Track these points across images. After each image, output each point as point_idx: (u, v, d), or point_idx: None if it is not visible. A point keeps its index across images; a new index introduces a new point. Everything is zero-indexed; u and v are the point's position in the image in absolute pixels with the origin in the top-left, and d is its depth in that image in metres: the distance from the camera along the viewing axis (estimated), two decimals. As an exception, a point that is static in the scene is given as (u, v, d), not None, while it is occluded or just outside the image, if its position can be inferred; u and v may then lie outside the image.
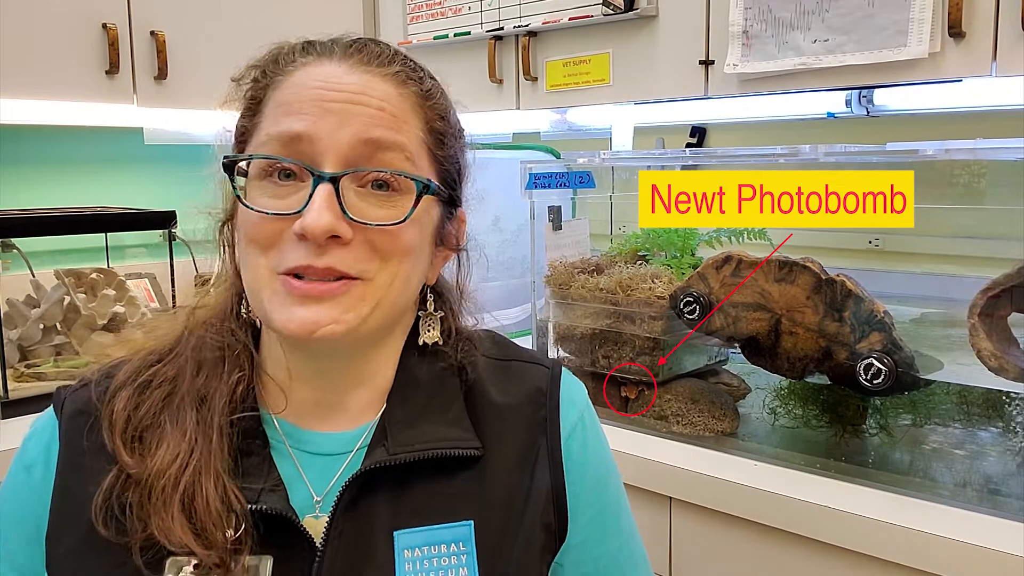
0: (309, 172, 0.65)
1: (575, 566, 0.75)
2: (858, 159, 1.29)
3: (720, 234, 1.48)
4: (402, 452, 0.69)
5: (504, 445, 0.74)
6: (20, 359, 1.56)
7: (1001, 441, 1.19)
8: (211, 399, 0.69)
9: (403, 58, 0.71)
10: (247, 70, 0.72)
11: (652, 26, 1.61)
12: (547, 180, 1.53)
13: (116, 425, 0.69)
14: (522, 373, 0.79)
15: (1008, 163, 1.14)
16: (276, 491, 0.68)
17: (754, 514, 1.14)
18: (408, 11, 2.01)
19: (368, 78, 0.68)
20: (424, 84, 0.72)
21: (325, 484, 0.71)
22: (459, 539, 0.69)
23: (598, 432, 0.80)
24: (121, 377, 0.72)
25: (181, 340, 0.74)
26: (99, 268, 1.71)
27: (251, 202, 0.66)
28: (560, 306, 1.52)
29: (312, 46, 0.71)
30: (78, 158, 2.02)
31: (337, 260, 0.65)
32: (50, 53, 1.61)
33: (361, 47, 0.70)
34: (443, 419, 0.73)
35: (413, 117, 0.70)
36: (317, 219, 0.63)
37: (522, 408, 0.76)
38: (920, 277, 1.55)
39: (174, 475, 0.65)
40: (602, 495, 0.78)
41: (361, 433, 0.73)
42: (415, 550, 0.68)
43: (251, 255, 0.67)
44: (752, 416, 1.39)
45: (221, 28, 1.81)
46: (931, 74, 1.29)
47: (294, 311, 0.65)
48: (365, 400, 0.74)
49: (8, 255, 1.69)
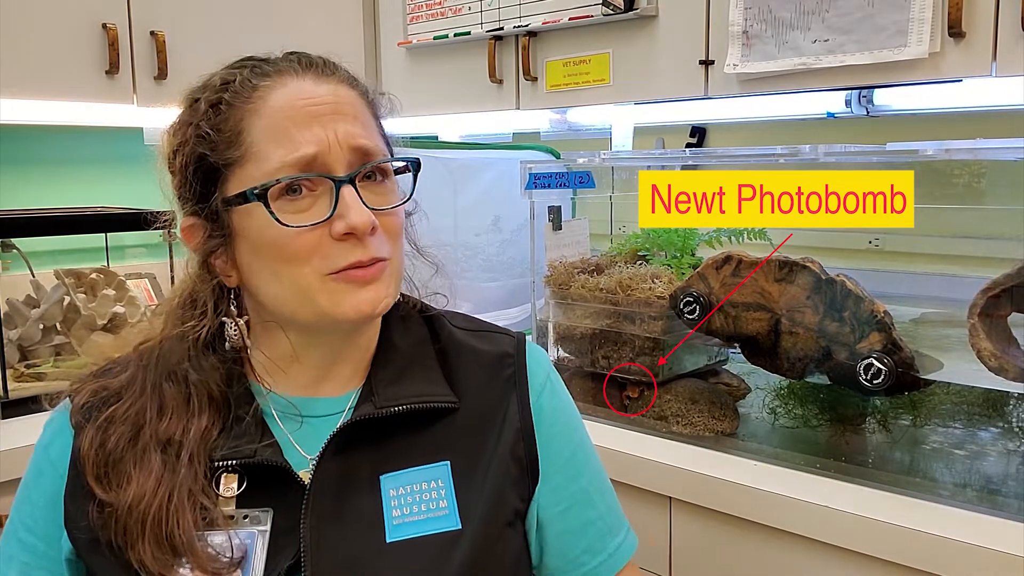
0: (329, 179, 0.73)
1: (552, 505, 0.83)
2: (858, 159, 1.29)
3: (720, 234, 1.47)
4: (388, 405, 0.78)
5: (477, 399, 0.83)
6: (20, 359, 1.56)
7: (1001, 441, 1.19)
8: (177, 440, 0.74)
9: (339, 64, 0.80)
10: (192, 102, 0.77)
11: (652, 26, 1.61)
12: (547, 180, 1.53)
13: (85, 464, 0.74)
14: (491, 340, 0.88)
15: (1008, 163, 1.14)
16: (271, 447, 0.76)
17: (754, 514, 1.14)
18: (408, 11, 2.01)
19: (332, 86, 0.76)
20: (360, 83, 0.81)
21: (318, 445, 0.77)
22: (437, 477, 0.78)
23: (563, 388, 0.90)
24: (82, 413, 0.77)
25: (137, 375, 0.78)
26: (99, 268, 1.71)
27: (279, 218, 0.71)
28: (560, 306, 1.52)
29: (263, 69, 0.76)
30: (78, 158, 2.02)
31: (377, 249, 0.74)
32: (50, 53, 1.61)
33: (308, 61, 0.78)
34: (423, 378, 0.82)
35: (368, 113, 0.79)
36: (361, 215, 0.72)
37: (491, 367, 0.85)
38: (920, 277, 1.55)
39: (143, 512, 0.71)
40: (571, 438, 0.87)
41: (349, 397, 0.81)
42: (400, 488, 0.77)
43: (289, 268, 0.73)
44: (752, 416, 1.39)
45: (221, 28, 1.81)
46: (931, 74, 1.29)
47: (359, 296, 0.73)
48: (352, 368, 0.82)
49: (8, 255, 1.69)
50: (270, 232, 0.72)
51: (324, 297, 0.73)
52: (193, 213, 0.77)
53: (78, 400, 0.79)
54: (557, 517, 0.84)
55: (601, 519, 0.87)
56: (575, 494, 0.85)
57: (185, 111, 0.78)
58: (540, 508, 0.83)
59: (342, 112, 0.75)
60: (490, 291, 1.90)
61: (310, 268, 0.73)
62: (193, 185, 0.76)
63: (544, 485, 0.83)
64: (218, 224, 0.75)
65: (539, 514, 0.83)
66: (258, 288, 0.76)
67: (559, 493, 0.84)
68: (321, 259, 0.73)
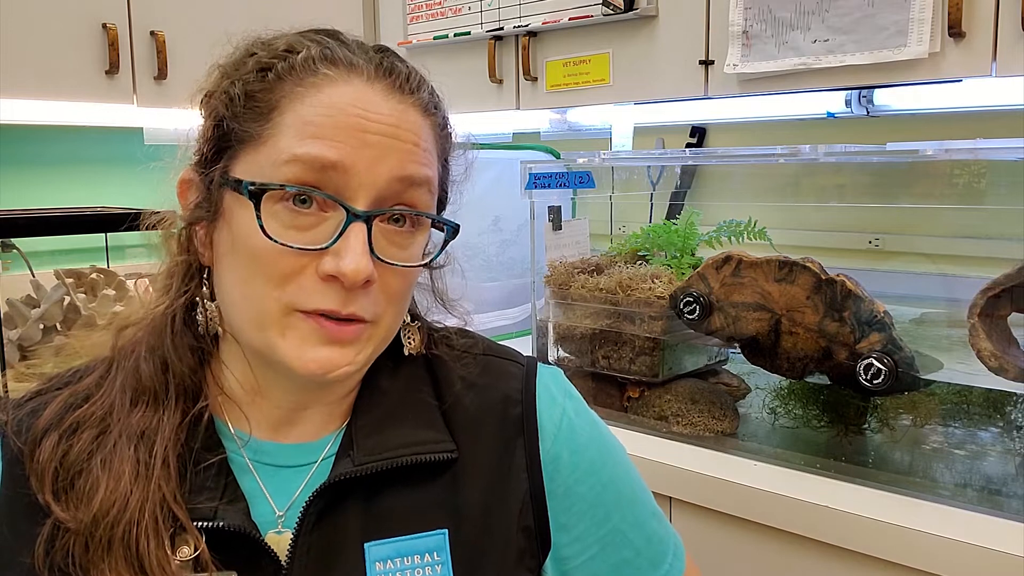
0: (342, 207, 0.61)
1: (577, 555, 0.73)
2: (858, 159, 1.29)
3: (720, 234, 1.48)
4: (369, 462, 0.66)
5: (479, 447, 0.71)
6: (20, 359, 1.56)
7: (1001, 441, 1.19)
8: (151, 434, 0.65)
9: (426, 82, 0.69)
10: (245, 58, 0.67)
11: (652, 26, 1.61)
12: (547, 180, 1.53)
13: (44, 478, 0.63)
14: (497, 370, 0.76)
15: (1008, 163, 1.15)
16: (235, 505, 0.64)
17: (754, 514, 1.14)
18: (408, 11, 2.01)
19: (403, 108, 0.64)
20: (440, 111, 0.70)
21: (287, 498, 0.67)
22: (433, 548, 0.66)
23: (584, 417, 0.77)
24: (43, 422, 0.66)
25: (109, 371, 0.69)
26: (99, 268, 1.71)
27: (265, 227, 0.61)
28: (560, 306, 1.52)
29: (335, 55, 0.65)
30: (78, 158, 2.02)
31: (360, 307, 0.63)
32: (50, 53, 1.61)
33: (390, 68, 0.66)
34: (413, 421, 0.70)
35: (435, 149, 0.68)
36: (357, 266, 0.60)
37: (496, 407, 0.73)
38: (920, 277, 1.55)
39: (111, 524, 0.61)
40: (599, 477, 0.74)
41: (325, 443, 0.70)
42: (387, 562, 0.65)
43: (256, 283, 0.62)
44: (752, 416, 1.39)
45: (221, 28, 1.80)
46: (931, 74, 1.29)
47: (317, 351, 0.62)
48: (329, 411, 0.71)
49: (8, 255, 1.69)
50: (254, 237, 0.61)
51: (276, 332, 0.62)
52: (196, 168, 0.67)
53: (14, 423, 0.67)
54: (584, 566, 0.73)
55: (639, 556, 0.75)
56: (604, 537, 0.74)
57: (237, 59, 0.68)
58: (562, 561, 0.73)
59: (398, 139, 0.63)
60: (490, 291, 1.90)
61: (279, 294, 0.62)
62: (209, 141, 0.66)
63: (565, 535, 0.72)
64: (210, 196, 0.65)
65: (561, 568, 0.73)
66: (222, 286, 0.66)
67: (585, 540, 0.73)
68: (295, 290, 0.62)
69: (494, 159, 1.92)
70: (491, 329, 1.84)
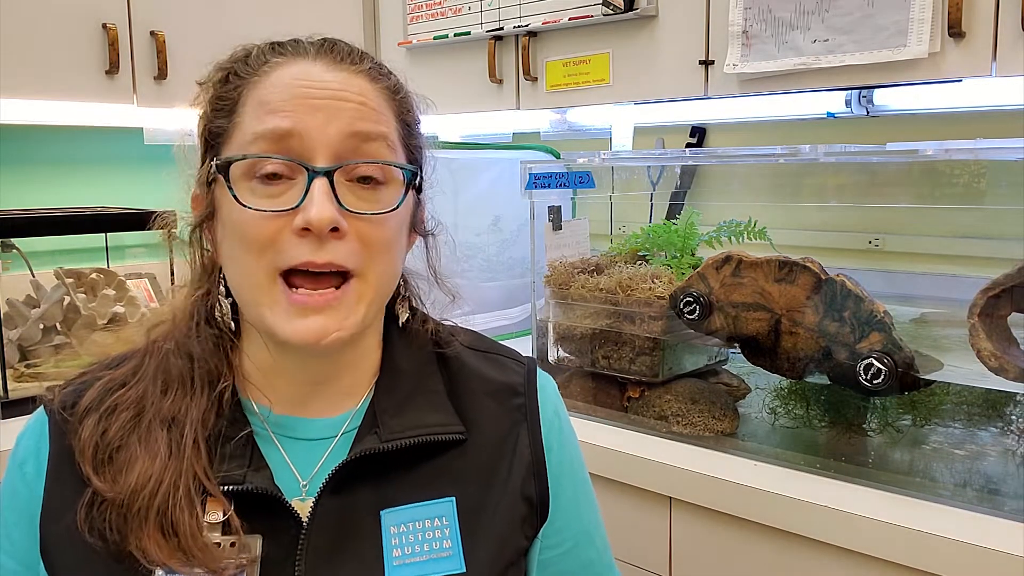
0: (303, 168, 0.67)
1: (555, 546, 0.80)
2: (858, 159, 1.29)
3: (720, 234, 1.48)
4: (393, 439, 0.73)
5: (485, 428, 0.78)
6: (20, 359, 1.56)
7: (1001, 441, 1.19)
8: (181, 419, 0.71)
9: (370, 56, 0.75)
10: (214, 71, 0.74)
11: (652, 26, 1.61)
12: (547, 180, 1.53)
13: (85, 453, 0.70)
14: (500, 366, 0.84)
15: (1008, 163, 1.15)
16: (261, 472, 0.71)
17: (754, 514, 1.14)
18: (408, 11, 2.01)
19: (345, 75, 0.71)
20: (391, 79, 0.76)
21: (310, 469, 0.74)
22: (442, 514, 0.74)
23: (569, 422, 0.86)
24: (85, 402, 0.73)
25: (144, 362, 0.75)
26: (99, 268, 1.71)
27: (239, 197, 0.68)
28: (560, 306, 1.52)
29: (282, 46, 0.73)
30: (78, 158, 2.02)
31: (335, 254, 0.67)
32: (50, 53, 1.61)
33: (331, 46, 0.73)
34: (428, 405, 0.77)
35: (388, 110, 0.73)
36: (320, 211, 0.66)
37: (500, 395, 0.81)
38: (920, 277, 1.56)
39: (148, 495, 0.67)
40: (576, 476, 0.83)
41: (344, 419, 0.76)
42: (401, 526, 0.73)
43: (245, 256, 0.68)
44: (752, 416, 1.39)
45: (221, 28, 1.81)
46: (931, 74, 1.29)
47: (298, 323, 0.68)
48: (347, 386, 0.77)
49: (8, 255, 1.69)
50: (235, 212, 0.68)
51: (267, 305, 0.68)
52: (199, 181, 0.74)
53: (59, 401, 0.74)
54: (560, 558, 0.81)
55: (601, 559, 0.84)
56: (577, 534, 0.82)
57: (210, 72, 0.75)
58: (542, 548, 0.80)
59: (345, 100, 0.69)
60: (490, 291, 1.90)
61: (265, 262, 0.67)
62: (201, 148, 0.74)
63: (549, 526, 0.80)
64: (208, 195, 0.73)
65: (541, 554, 0.80)
66: (228, 276, 0.73)
67: (563, 533, 0.81)
68: (275, 253, 0.67)
69: (494, 159, 1.92)
70: (491, 329, 1.84)
